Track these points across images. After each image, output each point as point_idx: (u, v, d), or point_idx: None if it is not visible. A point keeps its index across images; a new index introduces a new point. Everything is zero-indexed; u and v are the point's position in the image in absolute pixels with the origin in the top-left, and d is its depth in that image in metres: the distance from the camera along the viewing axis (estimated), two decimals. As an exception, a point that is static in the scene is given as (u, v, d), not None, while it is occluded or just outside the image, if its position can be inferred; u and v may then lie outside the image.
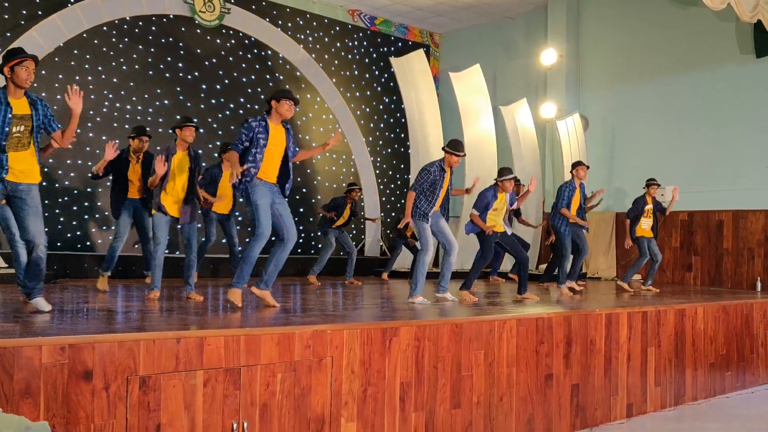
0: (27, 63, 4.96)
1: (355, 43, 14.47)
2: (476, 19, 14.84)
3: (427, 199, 7.04)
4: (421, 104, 13.29)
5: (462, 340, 5.36)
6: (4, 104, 4.92)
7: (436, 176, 7.03)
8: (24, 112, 5.00)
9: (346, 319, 5.26)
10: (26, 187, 5.03)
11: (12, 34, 10.35)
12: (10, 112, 4.93)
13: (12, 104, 4.95)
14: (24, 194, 5.01)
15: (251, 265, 5.85)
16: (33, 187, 5.07)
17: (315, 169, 13.70)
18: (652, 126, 12.56)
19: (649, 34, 12.71)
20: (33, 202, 5.04)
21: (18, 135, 4.97)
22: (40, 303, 5.13)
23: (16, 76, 4.93)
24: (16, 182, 4.99)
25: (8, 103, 4.94)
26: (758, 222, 11.29)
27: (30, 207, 5.02)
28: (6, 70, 4.95)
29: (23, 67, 4.94)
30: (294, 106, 5.95)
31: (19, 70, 4.93)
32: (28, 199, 5.02)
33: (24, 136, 5.00)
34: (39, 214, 5.08)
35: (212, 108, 12.41)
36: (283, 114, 5.89)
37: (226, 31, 12.59)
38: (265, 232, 5.76)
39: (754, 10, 9.94)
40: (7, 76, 4.96)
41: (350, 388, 4.68)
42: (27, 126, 5.01)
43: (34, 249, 5.03)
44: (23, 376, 3.48)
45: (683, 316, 7.39)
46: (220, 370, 4.10)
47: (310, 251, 13.42)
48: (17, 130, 4.96)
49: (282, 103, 5.87)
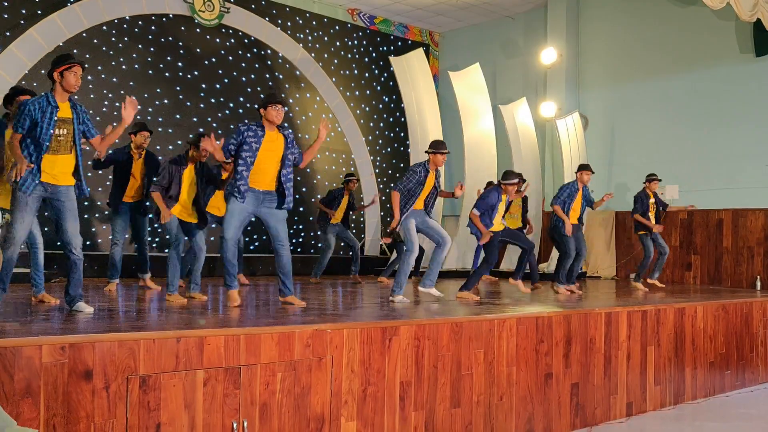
0: (76, 68, 5.10)
1: (354, 43, 14.47)
2: (476, 19, 14.84)
3: (407, 199, 7.01)
4: (421, 103, 13.29)
5: (462, 339, 5.36)
6: (52, 106, 5.06)
7: (421, 177, 7.02)
8: (67, 116, 5.14)
9: (346, 319, 5.27)
10: (65, 189, 5.14)
11: (12, 33, 10.36)
12: (56, 114, 5.06)
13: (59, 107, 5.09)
14: (62, 196, 5.12)
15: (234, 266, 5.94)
16: (71, 189, 5.18)
17: (314, 168, 13.70)
18: (652, 125, 12.57)
19: (648, 32, 12.72)
20: (71, 204, 5.15)
21: (61, 138, 5.10)
22: (82, 306, 5.20)
23: (65, 80, 5.07)
24: (55, 184, 5.10)
25: (56, 106, 5.07)
26: (758, 221, 11.30)
27: (68, 209, 5.13)
28: (56, 74, 5.07)
29: (72, 72, 5.08)
30: (282, 108, 5.94)
31: (68, 75, 5.07)
32: (66, 201, 5.12)
33: (66, 140, 5.13)
34: (76, 217, 5.19)
35: (212, 107, 12.41)
36: (272, 120, 5.90)
37: (225, 30, 12.59)
38: (229, 236, 5.81)
39: (754, 9, 9.94)
40: (56, 80, 5.08)
41: (350, 388, 4.69)
42: (69, 130, 5.13)
43: (71, 251, 5.16)
44: (23, 376, 3.49)
45: (683, 315, 7.39)
46: (220, 370, 4.11)
47: (310, 250, 13.43)
48: (60, 133, 5.09)
49: (269, 110, 5.89)
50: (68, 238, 5.12)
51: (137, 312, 5.58)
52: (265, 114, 5.91)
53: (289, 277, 6.10)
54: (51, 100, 5.05)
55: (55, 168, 5.07)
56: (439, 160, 7.09)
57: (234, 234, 5.85)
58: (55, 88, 5.10)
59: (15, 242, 5.03)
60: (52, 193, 5.09)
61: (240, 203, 5.82)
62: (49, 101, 5.04)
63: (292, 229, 13.27)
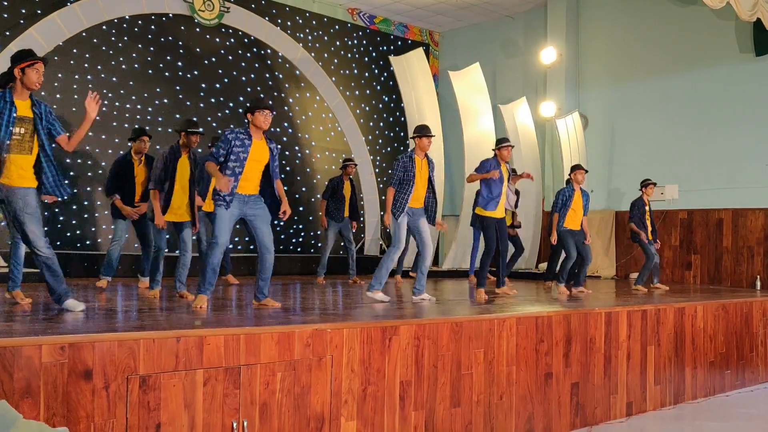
0: (38, 65, 4.96)
1: (354, 42, 14.47)
2: (476, 18, 14.83)
3: (401, 191, 6.91)
4: (421, 103, 13.29)
5: (462, 339, 5.36)
6: (10, 103, 4.89)
7: (407, 163, 6.89)
8: (26, 114, 4.98)
9: (346, 318, 5.27)
10: (22, 191, 4.95)
11: (11, 33, 10.35)
12: (15, 112, 4.90)
13: (17, 105, 4.92)
14: (18, 198, 4.93)
15: (215, 272, 5.77)
16: (30, 191, 4.99)
17: (314, 168, 13.69)
18: (652, 124, 12.56)
19: (648, 32, 12.72)
20: (29, 207, 4.96)
21: (18, 137, 4.93)
22: (71, 304, 5.08)
23: (27, 77, 4.93)
24: (10, 186, 4.92)
25: (13, 103, 4.90)
26: (758, 220, 11.30)
27: (25, 213, 4.94)
28: (17, 71, 4.92)
29: (34, 69, 4.94)
30: (270, 114, 5.83)
31: (30, 72, 4.92)
32: (22, 203, 4.94)
33: (24, 139, 4.96)
34: (38, 218, 5.00)
35: (211, 107, 12.40)
36: (259, 126, 5.77)
37: (225, 29, 12.59)
38: (221, 242, 5.68)
39: (754, 8, 9.94)
40: (17, 77, 4.93)
41: (350, 387, 4.69)
42: (28, 129, 4.97)
43: (37, 252, 4.98)
44: (23, 376, 3.48)
45: (683, 315, 7.39)
46: (220, 369, 4.11)
47: (310, 250, 13.43)
48: (18, 132, 4.92)
49: (256, 116, 5.76)
50: (30, 241, 4.95)
51: (137, 312, 5.58)
52: (253, 119, 5.78)
53: (269, 282, 5.97)
54: (8, 97, 4.90)
55: (10, 169, 4.88)
56: (425, 144, 6.98)
57: (227, 239, 5.75)
58: (14, 86, 4.93)
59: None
60: (6, 194, 4.92)
61: (226, 209, 5.70)
62: (5, 99, 4.89)
63: (292, 229, 13.27)
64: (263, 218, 5.86)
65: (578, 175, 8.92)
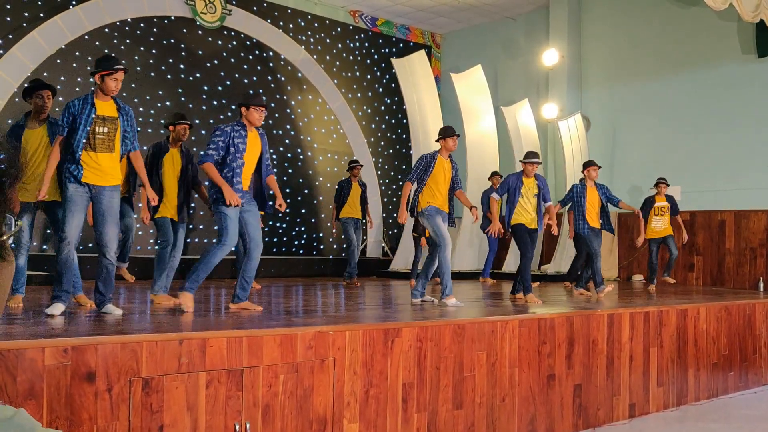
0: (117, 75, 5.17)
1: (356, 44, 14.48)
2: (477, 20, 14.84)
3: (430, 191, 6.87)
4: (423, 105, 13.30)
5: (464, 341, 5.36)
6: (90, 104, 5.13)
7: (429, 163, 6.87)
8: (109, 114, 5.20)
9: (348, 320, 5.27)
10: (110, 189, 5.19)
11: (14, 35, 10.37)
12: (94, 113, 5.12)
13: (97, 105, 5.16)
14: (105, 196, 5.16)
15: (208, 272, 5.63)
16: (115, 190, 5.23)
17: (316, 170, 13.70)
18: (654, 126, 12.56)
19: (650, 33, 12.72)
20: (112, 207, 5.19)
21: (102, 136, 5.15)
22: (111, 308, 5.22)
23: (105, 85, 5.16)
24: (99, 185, 5.15)
25: (93, 104, 5.14)
26: (760, 222, 11.28)
27: (107, 211, 5.16)
28: (97, 77, 5.15)
29: (113, 78, 5.16)
30: (264, 111, 5.78)
31: (108, 81, 5.15)
32: (106, 201, 5.16)
33: (108, 138, 5.17)
34: (116, 219, 5.22)
35: (214, 109, 12.41)
36: (254, 122, 5.71)
37: (227, 32, 12.60)
38: (231, 243, 5.58)
39: (757, 9, 9.93)
40: (96, 82, 5.16)
41: (352, 389, 4.69)
42: (111, 128, 5.18)
43: (105, 253, 5.16)
44: (26, 378, 3.49)
45: (685, 317, 7.38)
46: (223, 372, 4.11)
47: (312, 252, 13.43)
48: (101, 131, 5.14)
49: (251, 112, 5.69)
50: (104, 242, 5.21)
51: (139, 314, 5.58)
52: (247, 114, 5.70)
53: (251, 283, 5.81)
54: (89, 99, 5.19)
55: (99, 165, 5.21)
56: (450, 144, 6.95)
57: (235, 240, 5.67)
58: (95, 91, 5.22)
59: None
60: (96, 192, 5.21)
61: (234, 209, 5.57)
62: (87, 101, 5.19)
63: (294, 231, 13.27)
64: (254, 213, 5.79)
65: (591, 171, 8.85)
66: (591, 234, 8.69)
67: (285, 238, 13.09)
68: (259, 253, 5.76)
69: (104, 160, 5.17)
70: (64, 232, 5.11)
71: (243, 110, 5.76)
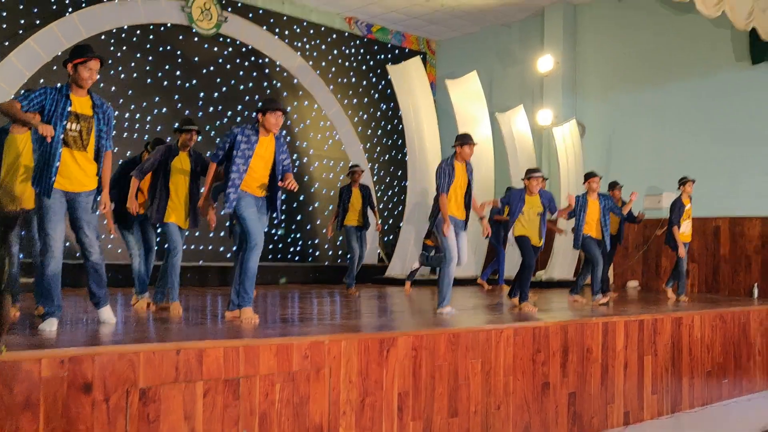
0: (91, 63, 4.86)
1: (352, 51, 14.52)
2: (472, 27, 14.90)
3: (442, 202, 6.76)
4: (418, 111, 13.33)
5: (459, 349, 5.38)
6: (65, 97, 4.82)
7: (449, 171, 6.76)
8: (84, 112, 4.90)
9: (344, 329, 5.29)
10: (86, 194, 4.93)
11: (10, 43, 10.39)
12: (70, 106, 4.82)
13: (72, 100, 4.85)
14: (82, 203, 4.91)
15: (252, 280, 5.61)
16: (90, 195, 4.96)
17: (312, 177, 13.73)
18: (649, 133, 12.61)
19: (645, 40, 12.78)
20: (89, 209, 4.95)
21: (74, 134, 4.85)
22: (107, 314, 5.09)
23: (78, 75, 4.84)
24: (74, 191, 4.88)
25: (68, 96, 4.83)
26: (755, 229, 11.34)
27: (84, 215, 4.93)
28: (69, 67, 4.85)
29: (86, 66, 4.84)
30: (282, 116, 5.67)
31: (81, 69, 4.83)
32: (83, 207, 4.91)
33: (80, 137, 4.87)
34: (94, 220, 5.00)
35: (210, 116, 12.44)
36: (270, 128, 5.62)
37: (223, 39, 12.63)
38: (260, 242, 5.56)
39: (749, 17, 10.00)
40: (69, 73, 4.86)
41: (348, 398, 4.71)
42: (84, 127, 4.88)
43: (89, 256, 4.99)
44: (23, 389, 3.50)
45: (680, 324, 7.42)
46: (220, 381, 4.13)
47: (308, 259, 13.45)
48: (73, 128, 4.85)
49: (267, 117, 5.60)
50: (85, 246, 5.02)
51: (136, 323, 5.60)
52: (263, 120, 5.61)
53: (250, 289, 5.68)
54: (64, 90, 4.85)
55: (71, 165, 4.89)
56: (467, 152, 6.85)
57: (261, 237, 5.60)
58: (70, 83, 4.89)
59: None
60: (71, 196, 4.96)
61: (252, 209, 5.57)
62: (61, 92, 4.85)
63: (290, 238, 13.29)
64: (264, 222, 5.76)
65: (592, 183, 8.71)
66: (590, 241, 8.64)
67: (280, 244, 13.10)
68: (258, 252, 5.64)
69: (78, 158, 4.87)
70: (48, 246, 4.78)
71: (260, 116, 5.65)
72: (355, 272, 9.85)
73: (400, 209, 14.56)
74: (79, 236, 5.00)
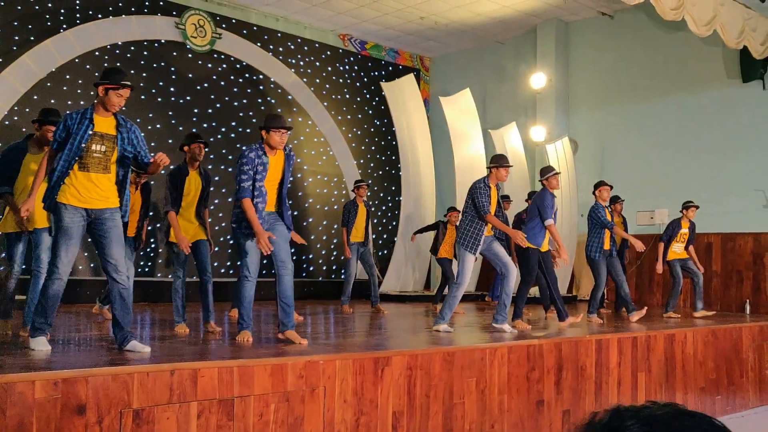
0: (123, 92, 4.80)
1: (346, 68, 14.58)
2: (466, 44, 14.98)
3: (474, 223, 6.75)
4: (412, 128, 13.39)
5: (454, 368, 5.39)
6: (88, 119, 4.74)
7: (488, 192, 6.75)
8: (108, 132, 4.81)
9: (339, 349, 5.29)
10: (110, 211, 4.80)
11: (4, 59, 10.39)
12: (92, 129, 4.73)
13: (96, 121, 4.77)
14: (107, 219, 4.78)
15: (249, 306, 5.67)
16: (115, 212, 4.84)
17: (306, 192, 13.74)
18: (641, 149, 12.68)
19: (637, 58, 12.87)
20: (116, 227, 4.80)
21: (98, 155, 4.75)
22: (136, 346, 4.73)
23: (108, 99, 4.77)
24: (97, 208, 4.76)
25: (92, 119, 4.75)
26: (746, 245, 11.38)
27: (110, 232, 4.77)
28: (101, 89, 4.78)
29: (118, 94, 4.78)
30: (287, 133, 5.61)
31: (113, 96, 4.77)
32: (108, 223, 4.77)
33: (105, 158, 4.78)
34: (121, 240, 4.84)
35: (204, 132, 12.38)
36: (275, 145, 5.57)
37: (217, 55, 12.67)
38: (254, 275, 5.63)
39: (740, 36, 10.08)
40: (99, 95, 4.79)
41: (343, 418, 4.70)
42: (108, 147, 4.79)
43: (116, 278, 4.75)
44: (16, 412, 3.49)
45: (673, 341, 7.44)
46: (214, 401, 4.12)
47: (302, 274, 13.43)
48: (98, 150, 4.75)
49: (272, 135, 5.54)
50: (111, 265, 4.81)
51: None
52: (268, 138, 5.54)
53: (292, 306, 5.64)
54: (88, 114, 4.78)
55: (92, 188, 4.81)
56: (502, 174, 6.84)
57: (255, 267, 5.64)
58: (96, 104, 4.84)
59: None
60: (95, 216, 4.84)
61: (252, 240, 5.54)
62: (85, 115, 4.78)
63: (284, 253, 13.27)
64: (280, 232, 5.67)
65: (603, 192, 8.62)
66: (601, 258, 8.58)
67: (274, 260, 13.07)
68: (286, 272, 5.64)
69: (100, 180, 4.76)
70: (56, 267, 4.64)
71: (263, 134, 5.58)
72: (348, 291, 9.72)
73: (394, 224, 14.59)
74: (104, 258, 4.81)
